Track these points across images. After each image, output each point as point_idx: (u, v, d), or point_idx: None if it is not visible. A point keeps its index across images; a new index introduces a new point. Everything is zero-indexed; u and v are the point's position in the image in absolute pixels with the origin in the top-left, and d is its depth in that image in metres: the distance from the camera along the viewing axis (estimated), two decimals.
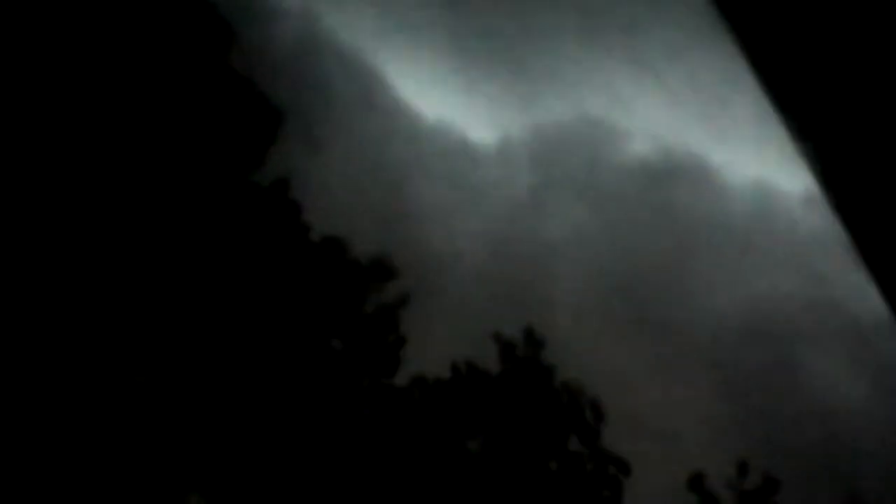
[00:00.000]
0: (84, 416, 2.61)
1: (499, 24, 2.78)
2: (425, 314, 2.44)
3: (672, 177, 2.85)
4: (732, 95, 2.34)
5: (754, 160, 2.69)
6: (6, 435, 2.60)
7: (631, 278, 2.72)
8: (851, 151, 1.76)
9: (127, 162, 2.63)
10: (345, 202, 2.67)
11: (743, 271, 2.74)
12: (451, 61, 2.93)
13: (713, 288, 2.70)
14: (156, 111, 2.60)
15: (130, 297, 2.65)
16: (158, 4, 2.63)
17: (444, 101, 2.96)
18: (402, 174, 2.90)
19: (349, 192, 2.72)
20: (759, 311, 2.68)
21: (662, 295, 2.72)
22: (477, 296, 2.64)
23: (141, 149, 2.60)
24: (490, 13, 2.78)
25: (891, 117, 1.76)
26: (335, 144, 2.69)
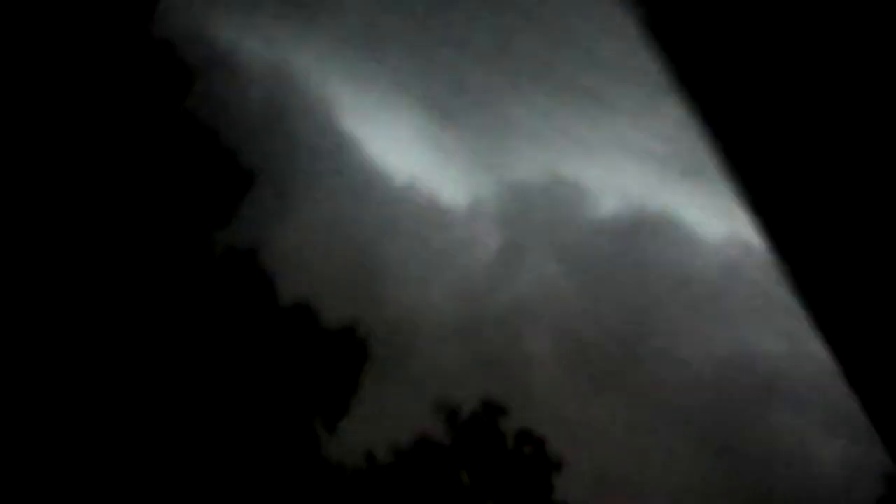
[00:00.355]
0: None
1: (470, 86, 2.81)
2: (392, 378, 2.41)
3: (643, 233, 2.87)
4: (705, 152, 2.36)
5: (726, 216, 2.72)
6: None
7: (603, 335, 2.73)
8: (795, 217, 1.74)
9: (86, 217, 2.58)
10: (315, 262, 2.66)
11: (716, 327, 2.75)
12: (422, 123, 2.97)
13: (686, 343, 2.70)
14: (115, 163, 2.55)
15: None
16: (114, 49, 2.60)
17: (415, 162, 2.99)
18: (373, 235, 2.90)
19: (319, 253, 2.71)
20: (731, 367, 2.67)
21: (635, 351, 2.72)
22: (447, 356, 2.64)
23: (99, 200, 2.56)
24: (461, 74, 2.81)
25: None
26: (304, 205, 2.69)
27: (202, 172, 2.77)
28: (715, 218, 1.93)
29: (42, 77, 2.70)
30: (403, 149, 2.30)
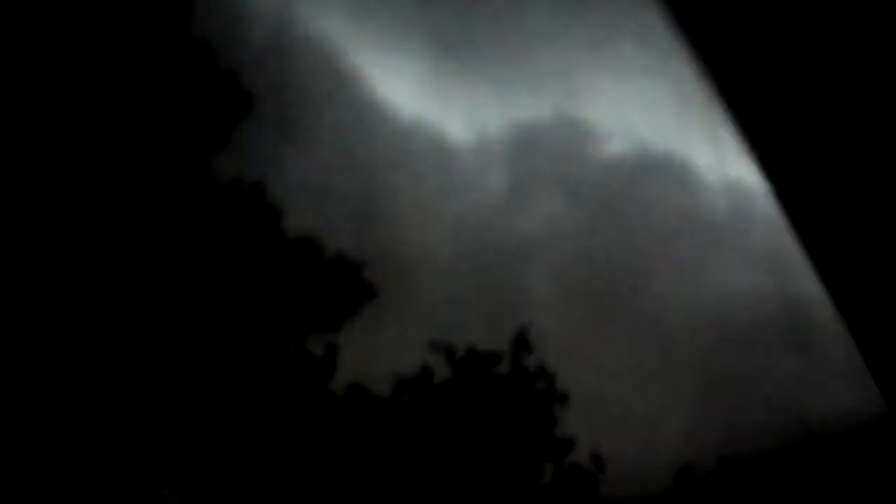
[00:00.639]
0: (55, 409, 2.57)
1: (477, 25, 2.73)
2: (398, 313, 2.40)
3: (650, 175, 2.79)
4: (707, 99, 2.35)
5: (733, 161, 2.66)
6: None
7: (608, 272, 2.66)
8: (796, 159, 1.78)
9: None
10: (319, 194, 2.61)
11: (718, 268, 2.69)
12: (429, 60, 2.87)
13: (689, 282, 2.64)
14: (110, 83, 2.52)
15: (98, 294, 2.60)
16: None
17: (421, 98, 2.91)
18: (379, 170, 2.83)
19: (323, 185, 2.65)
20: (732, 306, 2.63)
21: (639, 289, 2.66)
22: (452, 292, 2.59)
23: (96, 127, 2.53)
24: (469, 13, 2.73)
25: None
26: (309, 137, 2.63)
27: (200, 91, 2.75)
28: (722, 164, 1.92)
29: None
30: (409, 86, 2.29)
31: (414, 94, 2.31)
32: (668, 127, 1.89)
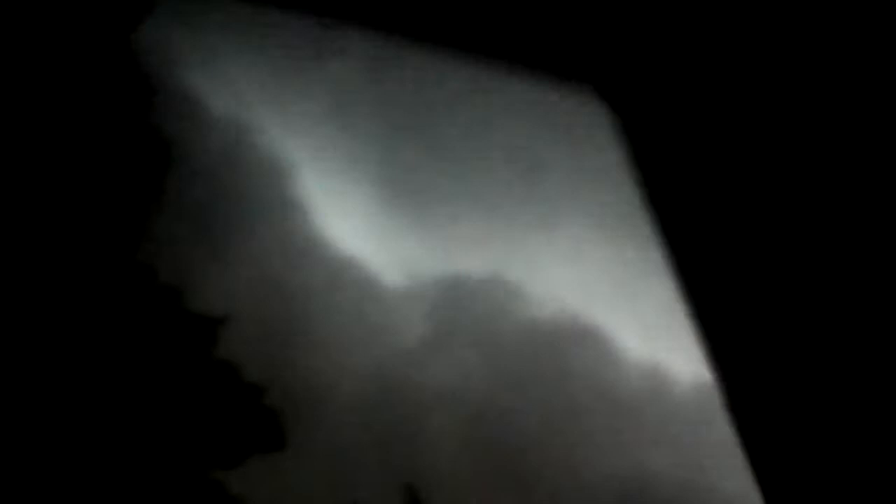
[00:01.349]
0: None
1: (427, 178, 2.75)
2: (296, 449, 2.30)
3: (572, 345, 2.76)
4: (643, 282, 2.33)
5: (652, 343, 2.65)
6: None
7: (513, 435, 2.58)
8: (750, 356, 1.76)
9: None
10: (241, 315, 2.55)
11: (626, 445, 2.62)
12: (374, 202, 2.88)
13: (595, 456, 2.56)
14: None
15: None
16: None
17: (360, 239, 2.88)
18: (303, 300, 2.78)
19: (246, 303, 2.60)
20: (635, 485, 2.52)
21: (544, 458, 2.57)
22: (354, 435, 2.50)
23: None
24: (421, 166, 2.75)
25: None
26: (239, 256, 2.58)
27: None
28: (642, 343, 1.89)
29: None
30: (350, 224, 2.28)
31: (353, 231, 2.27)
32: (598, 303, 1.86)
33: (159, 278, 2.51)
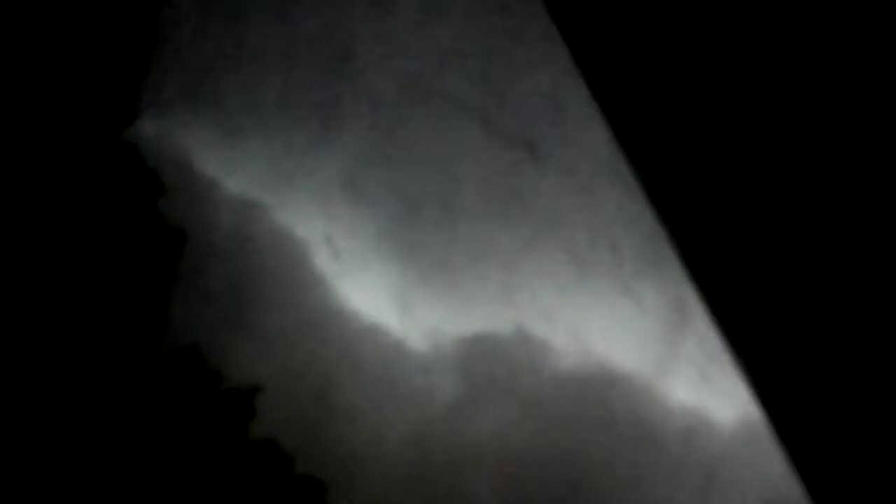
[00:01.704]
0: None
1: (449, 243, 2.77)
2: None
3: (604, 391, 2.75)
4: (679, 328, 2.35)
5: (692, 389, 2.65)
6: None
7: (554, 485, 2.58)
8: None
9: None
10: (272, 389, 2.58)
11: (671, 488, 2.62)
12: (391, 271, 2.89)
13: (639, 501, 2.57)
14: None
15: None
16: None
17: (383, 307, 2.89)
18: (333, 371, 2.79)
19: (275, 380, 2.61)
20: None
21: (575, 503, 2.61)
22: (394, 498, 2.51)
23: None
24: (442, 232, 2.78)
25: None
26: (264, 332, 2.60)
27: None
28: (680, 390, 1.92)
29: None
30: (370, 294, 2.32)
31: (374, 302, 2.34)
32: (630, 351, 1.92)
33: (195, 361, 2.56)
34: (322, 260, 2.40)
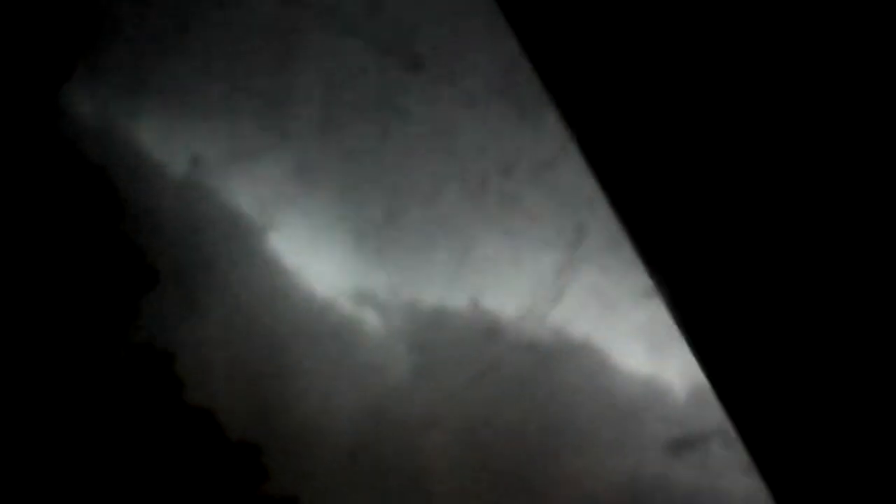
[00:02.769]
0: None
1: (398, 223, 2.78)
2: (293, 493, 2.35)
3: (560, 359, 2.81)
4: (626, 298, 2.42)
5: (645, 354, 2.72)
6: None
7: (510, 449, 2.63)
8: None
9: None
10: (222, 367, 2.57)
11: (627, 450, 2.70)
12: (344, 251, 2.90)
13: (596, 463, 2.63)
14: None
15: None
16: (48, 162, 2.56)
17: (337, 286, 2.91)
18: (289, 348, 2.80)
19: (226, 355, 2.61)
20: (639, 486, 2.61)
21: (541, 466, 2.63)
22: (350, 472, 2.55)
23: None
24: (391, 212, 2.77)
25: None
26: (216, 312, 2.60)
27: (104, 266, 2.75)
28: (634, 358, 1.97)
29: None
30: (324, 274, 2.33)
31: (328, 280, 2.37)
32: (580, 320, 1.99)
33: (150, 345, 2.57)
34: (274, 243, 2.43)
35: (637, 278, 1.97)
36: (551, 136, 2.06)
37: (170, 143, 2.72)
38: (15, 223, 2.73)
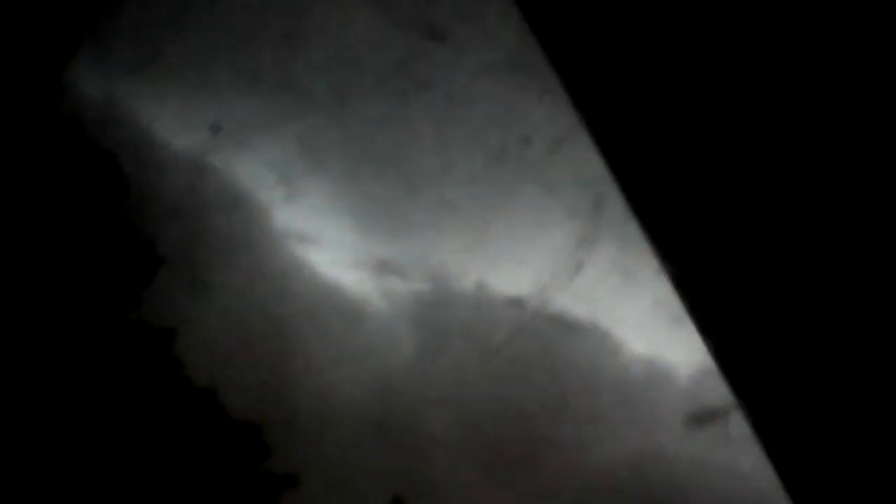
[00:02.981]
0: None
1: (406, 203, 2.75)
2: (296, 471, 2.35)
3: (564, 337, 2.81)
4: (630, 279, 2.41)
5: (648, 336, 2.72)
6: None
7: (513, 426, 2.63)
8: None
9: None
10: (228, 347, 2.57)
11: (627, 431, 2.70)
12: (348, 232, 2.89)
13: (599, 440, 2.62)
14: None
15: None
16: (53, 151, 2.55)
17: (338, 267, 2.90)
18: (293, 328, 2.79)
19: (232, 336, 2.61)
20: (643, 462, 2.61)
21: (544, 442, 2.64)
22: (355, 452, 2.55)
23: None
24: (400, 192, 2.77)
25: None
26: (221, 292, 2.58)
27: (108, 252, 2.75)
28: (638, 336, 1.98)
29: None
30: (327, 254, 2.33)
31: (331, 261, 2.37)
32: (586, 300, 2.00)
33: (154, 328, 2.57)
34: (278, 222, 2.43)
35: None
36: (570, 109, 2.06)
37: (178, 119, 2.71)
38: (19, 202, 2.73)
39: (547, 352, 2.14)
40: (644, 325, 2.06)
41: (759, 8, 1.77)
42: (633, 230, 2.00)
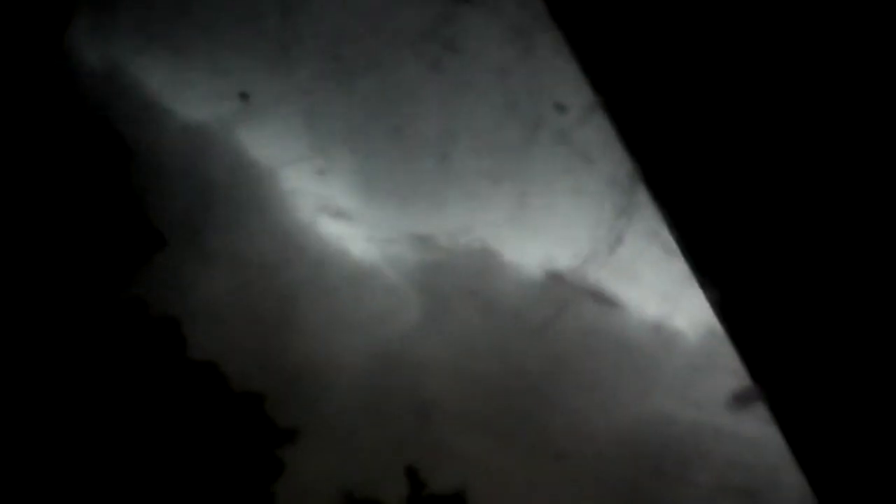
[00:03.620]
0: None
1: (408, 169, 2.74)
2: (299, 439, 2.37)
3: (575, 303, 2.82)
4: (627, 234, 2.42)
5: (652, 300, 2.71)
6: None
7: (517, 393, 2.66)
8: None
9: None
10: (231, 314, 2.58)
11: (635, 391, 2.71)
12: (352, 198, 2.89)
13: (600, 404, 2.64)
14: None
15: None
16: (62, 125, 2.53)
17: (342, 233, 2.89)
18: (296, 293, 2.79)
19: (235, 304, 2.62)
20: (647, 428, 2.63)
21: (552, 409, 2.65)
22: (358, 416, 2.56)
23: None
24: (401, 159, 2.75)
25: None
26: (225, 256, 2.59)
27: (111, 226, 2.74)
28: (641, 300, 2.00)
29: None
30: (332, 219, 2.33)
31: (335, 226, 2.37)
32: (590, 266, 2.01)
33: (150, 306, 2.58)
34: (282, 186, 2.43)
35: None
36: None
37: (175, 85, 2.70)
38: (21, 172, 2.73)
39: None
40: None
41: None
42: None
